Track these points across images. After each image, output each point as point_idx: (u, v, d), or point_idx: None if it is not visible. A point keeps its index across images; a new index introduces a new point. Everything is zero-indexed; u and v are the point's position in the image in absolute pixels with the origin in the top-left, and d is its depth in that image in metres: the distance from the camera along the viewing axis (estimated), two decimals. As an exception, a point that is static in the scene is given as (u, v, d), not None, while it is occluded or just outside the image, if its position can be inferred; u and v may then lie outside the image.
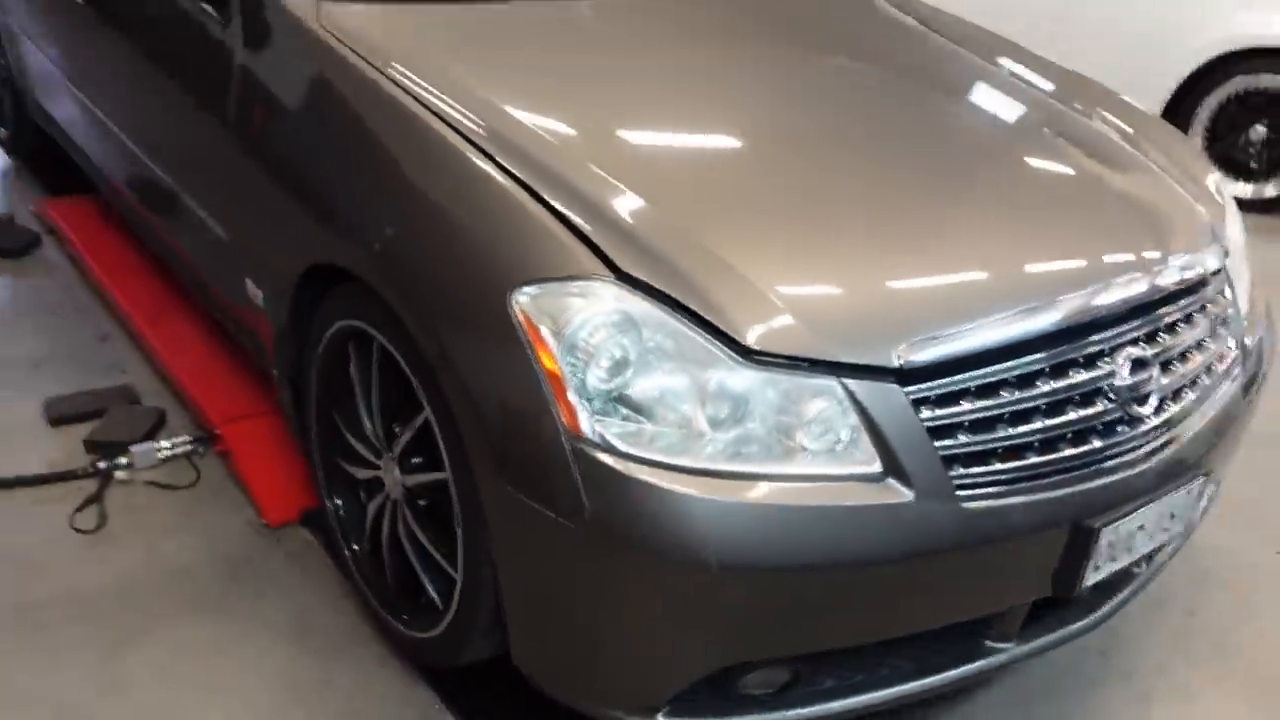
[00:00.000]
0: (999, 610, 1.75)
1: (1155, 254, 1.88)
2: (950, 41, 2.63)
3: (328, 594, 2.20)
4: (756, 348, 1.54)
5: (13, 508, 2.38)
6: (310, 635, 2.10)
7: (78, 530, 2.33)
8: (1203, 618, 2.37)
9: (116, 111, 2.85)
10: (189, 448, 2.55)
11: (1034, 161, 2.14)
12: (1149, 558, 2.00)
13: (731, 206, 1.77)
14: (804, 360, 1.55)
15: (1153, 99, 4.82)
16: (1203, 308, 1.94)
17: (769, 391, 1.55)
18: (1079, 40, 4.89)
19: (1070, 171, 2.11)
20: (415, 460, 1.89)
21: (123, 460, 2.49)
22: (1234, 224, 2.23)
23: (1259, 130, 4.73)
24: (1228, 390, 1.96)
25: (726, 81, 2.21)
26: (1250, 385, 2.06)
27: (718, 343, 1.54)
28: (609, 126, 1.92)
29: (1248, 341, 2.07)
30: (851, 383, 1.56)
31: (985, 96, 2.40)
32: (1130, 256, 1.86)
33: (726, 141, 2.00)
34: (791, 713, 1.68)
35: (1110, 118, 2.40)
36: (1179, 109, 4.84)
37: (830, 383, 1.55)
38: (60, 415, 2.65)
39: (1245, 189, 4.80)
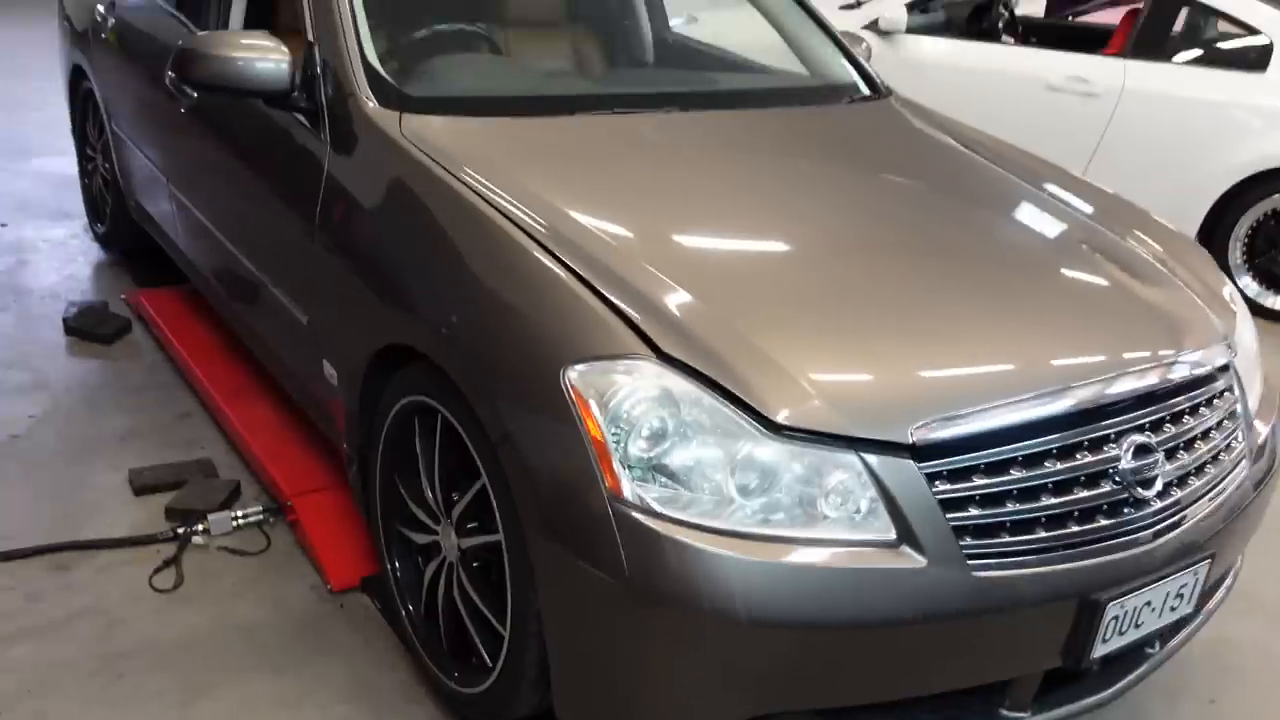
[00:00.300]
0: (1010, 677, 1.85)
1: (1162, 350, 2.02)
2: (985, 159, 2.82)
3: (384, 655, 2.35)
4: (782, 423, 1.70)
5: (99, 567, 2.58)
6: (367, 693, 2.25)
7: (156, 589, 2.51)
8: (1223, 707, 2.43)
9: (211, 209, 3.13)
10: (261, 517, 2.74)
11: (1054, 266, 2.30)
12: (1163, 639, 2.10)
13: (768, 300, 1.94)
14: (826, 435, 1.71)
15: (1191, 215, 4.97)
16: (1209, 401, 2.07)
17: (794, 463, 1.71)
18: (1120, 160, 5.08)
19: (1088, 276, 2.27)
20: (471, 525, 2.06)
21: (199, 527, 2.68)
22: (1246, 329, 2.36)
23: (1297, 247, 4.85)
24: (1235, 479, 2.07)
25: (772, 193, 2.40)
26: (1262, 479, 2.17)
27: (748, 418, 1.71)
28: (660, 229, 2.12)
29: (1258, 435, 2.19)
30: (869, 457, 1.71)
31: (1016, 210, 2.56)
32: (1138, 352, 2.00)
33: (768, 245, 2.20)
34: (812, 767, 1.79)
35: (1131, 230, 2.55)
36: (1217, 225, 4.98)
37: (850, 457, 1.71)
38: (143, 485, 2.86)
39: (1282, 302, 4.91)
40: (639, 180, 2.35)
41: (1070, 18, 7.77)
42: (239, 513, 2.73)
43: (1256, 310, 4.99)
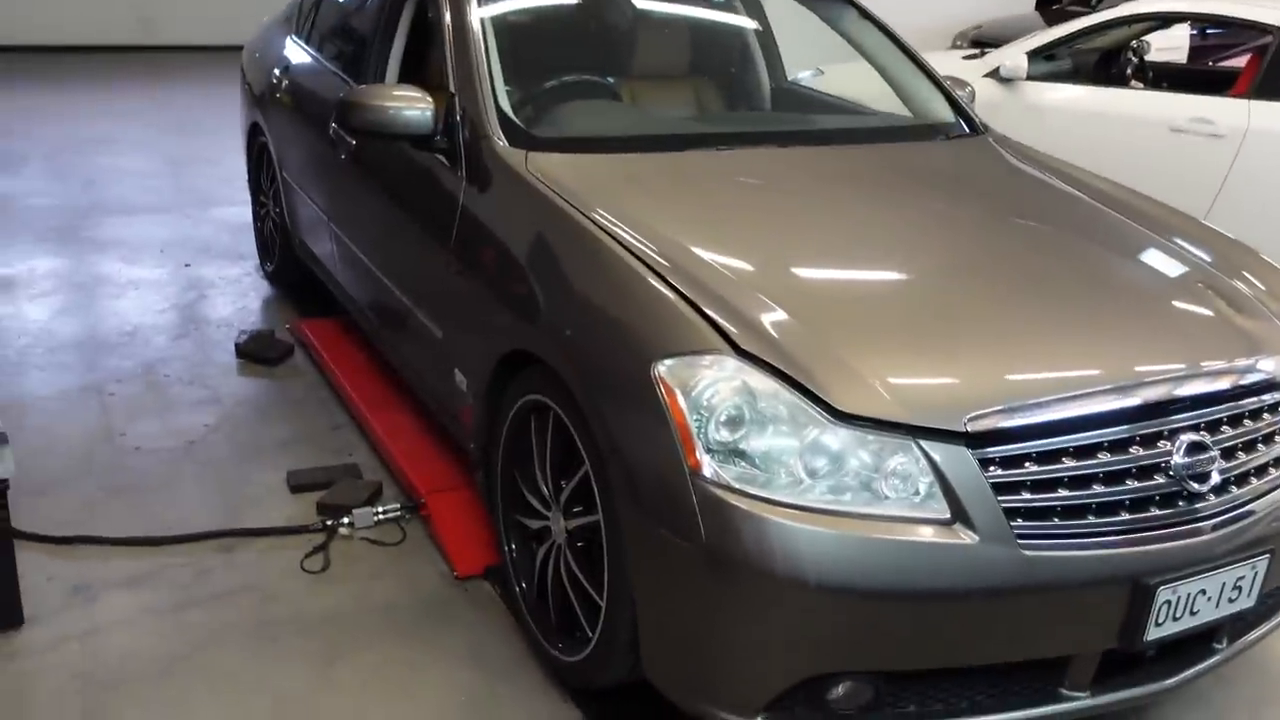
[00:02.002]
0: (1065, 654, 1.98)
1: (1219, 356, 2.15)
2: (1073, 189, 2.95)
3: (501, 631, 2.61)
4: (848, 412, 1.90)
5: (258, 552, 2.92)
6: (485, 661, 2.51)
7: (306, 571, 2.84)
8: (1307, 718, 2.47)
9: (364, 243, 3.50)
10: (398, 513, 3.06)
11: (1126, 281, 2.44)
12: (1231, 636, 2.19)
13: (847, 311, 2.16)
14: (887, 424, 1.90)
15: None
16: (1273, 408, 2.17)
17: (858, 449, 1.90)
18: (1244, 201, 5.05)
19: (1159, 289, 2.41)
20: (576, 509, 2.31)
21: (345, 520, 3.01)
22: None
23: None
24: (1298, 482, 2.16)
25: (865, 219, 2.62)
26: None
27: (817, 408, 1.92)
28: (752, 247, 2.35)
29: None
30: (926, 444, 1.89)
31: (1101, 236, 2.69)
32: (1196, 357, 2.13)
33: (853, 264, 2.41)
34: (875, 728, 1.96)
35: (1214, 254, 2.65)
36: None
37: (908, 443, 1.89)
38: (299, 484, 3.22)
39: None
40: (737, 207, 2.60)
41: (1211, 63, 7.72)
42: (380, 509, 3.05)
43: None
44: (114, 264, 5.10)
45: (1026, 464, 1.92)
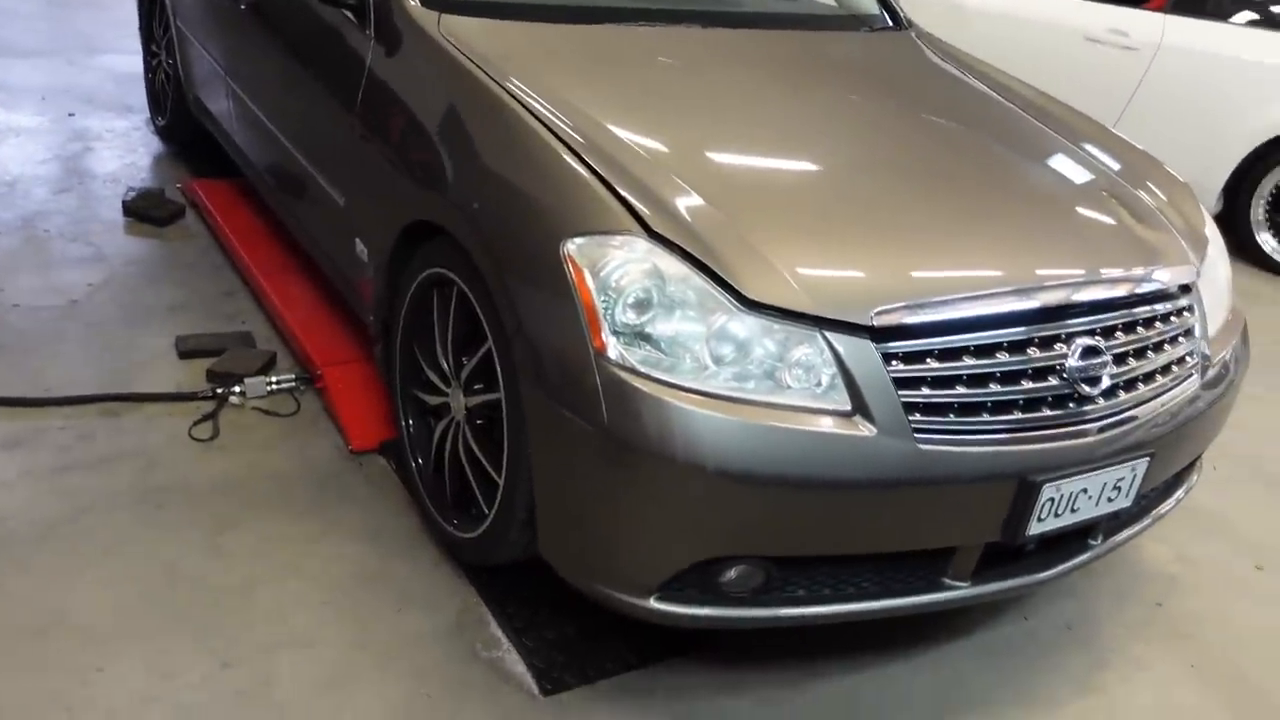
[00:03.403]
0: (951, 546, 2.04)
1: (1119, 264, 2.19)
2: (988, 88, 2.96)
3: (396, 506, 2.59)
4: (756, 300, 1.89)
5: (144, 418, 2.83)
6: (378, 537, 2.49)
7: (194, 439, 2.76)
8: (1169, 610, 2.61)
9: (264, 102, 3.34)
10: (292, 384, 2.98)
11: (1035, 186, 2.46)
12: (1106, 534, 2.28)
13: (760, 200, 2.12)
14: (794, 314, 1.90)
15: (1217, 171, 5.04)
16: (1166, 317, 2.23)
17: (763, 337, 1.90)
18: (1152, 113, 5.15)
19: (1066, 195, 2.43)
20: (476, 386, 2.27)
21: (237, 389, 2.93)
22: (1219, 261, 2.51)
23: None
24: (1182, 390, 2.23)
25: (780, 107, 2.57)
26: (1215, 398, 2.33)
27: (726, 294, 1.90)
28: (669, 131, 2.29)
29: (1212, 356, 2.34)
30: (832, 335, 1.90)
31: (1013, 136, 2.70)
32: (1096, 264, 2.17)
33: (768, 153, 2.36)
34: (763, 612, 2.00)
35: (1120, 161, 2.69)
36: (1242, 182, 5.05)
37: (814, 334, 1.90)
38: (188, 350, 3.11)
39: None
40: (656, 87, 2.52)
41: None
42: (273, 378, 2.97)
43: (1274, 267, 5.08)
44: (-10, 108, 4.80)
45: (927, 360, 1.94)
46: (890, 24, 3.28)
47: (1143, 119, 5.12)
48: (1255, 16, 5.16)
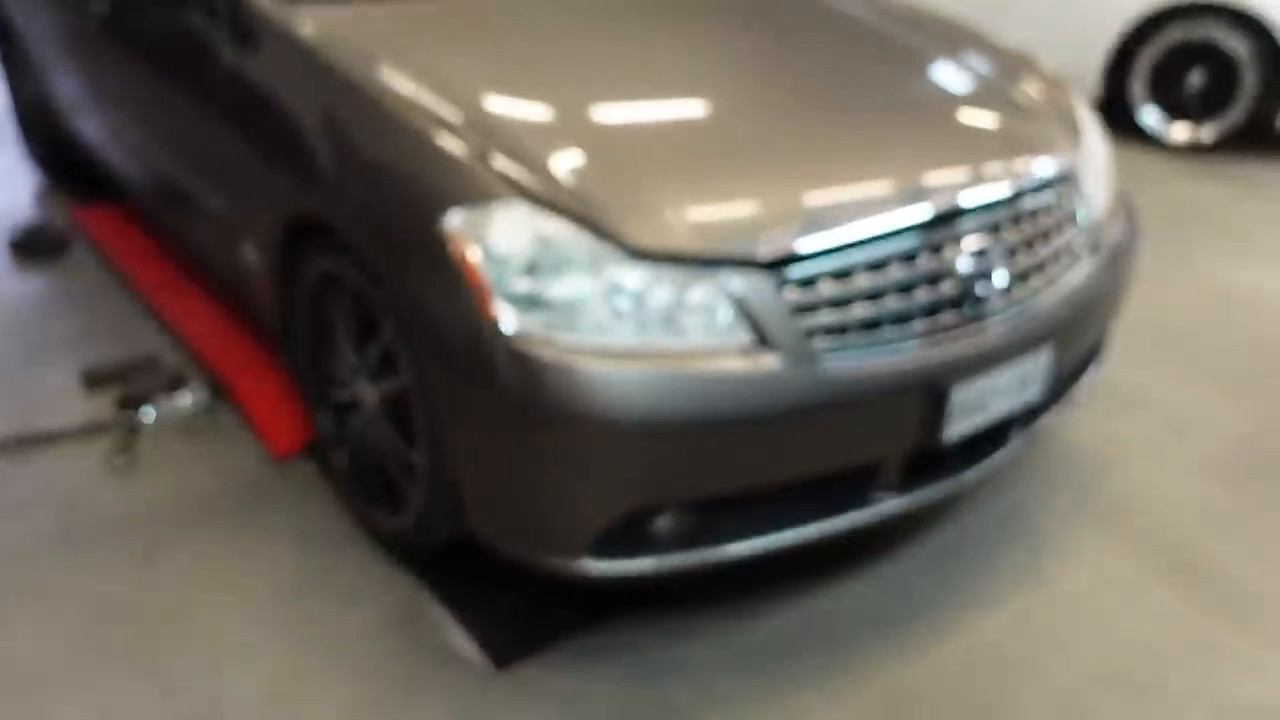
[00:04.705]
0: (874, 460, 2.07)
1: (998, 162, 2.21)
2: (868, 11, 2.96)
3: (325, 508, 2.56)
4: (645, 248, 1.88)
5: (58, 456, 2.76)
6: (312, 540, 2.46)
7: (112, 471, 2.70)
8: (1097, 490, 2.67)
9: (134, 119, 3.24)
10: (205, 399, 2.93)
11: (912, 98, 2.47)
12: (1023, 426, 2.32)
13: (638, 147, 2.10)
14: (685, 257, 1.89)
15: (1095, 53, 5.11)
16: (1048, 208, 2.26)
17: (657, 285, 1.89)
18: (1027, 9, 5.19)
19: (943, 103, 2.44)
20: (383, 375, 2.25)
21: (149, 412, 2.87)
22: (1095, 143, 2.54)
23: (1196, 78, 5.00)
24: (1073, 276, 2.27)
25: (651, 52, 2.54)
26: (1110, 279, 2.37)
27: (613, 246, 1.89)
28: (541, 89, 2.25)
29: (1100, 238, 2.38)
30: (724, 273, 1.90)
31: (889, 54, 2.70)
32: (976, 164, 2.19)
33: (643, 99, 2.34)
34: (699, 554, 2.01)
35: (991, 61, 2.72)
36: (1121, 62, 5.12)
37: (706, 273, 1.89)
38: (94, 381, 3.03)
39: (1183, 132, 5.08)
40: (520, 47, 2.48)
41: None
42: (186, 396, 2.91)
43: (1160, 145, 5.18)
44: None
45: (821, 283, 1.95)
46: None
47: (1020, 7, 5.16)
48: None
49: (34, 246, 3.81)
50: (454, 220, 1.92)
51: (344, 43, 2.36)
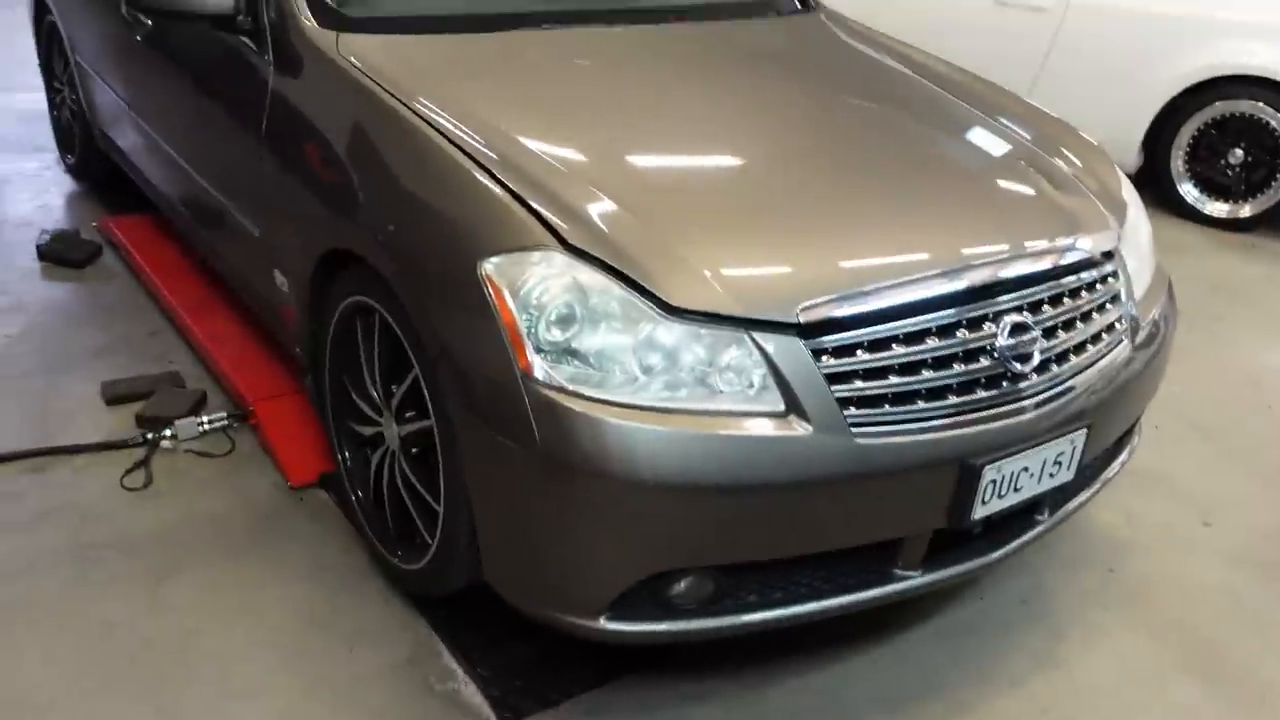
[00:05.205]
0: (899, 537, 2.03)
1: (1041, 237, 2.19)
2: (903, 68, 2.95)
3: (340, 541, 2.54)
4: (680, 306, 1.86)
5: (74, 471, 2.75)
6: (324, 574, 2.44)
7: (127, 489, 2.68)
8: (1121, 574, 2.62)
9: (171, 135, 3.25)
10: (225, 422, 2.91)
11: (954, 165, 2.46)
12: (1052, 507, 2.28)
13: (677, 201, 2.09)
14: (719, 317, 1.87)
15: (1135, 125, 5.10)
16: (1091, 285, 2.23)
17: (691, 344, 1.87)
18: (1067, 73, 5.18)
19: (985, 172, 2.43)
20: (409, 414, 2.23)
21: (168, 432, 2.85)
22: (1140, 223, 2.52)
23: (1236, 154, 4.98)
24: (1113, 358, 2.24)
25: (696, 104, 2.53)
26: (1148, 360, 2.34)
27: (649, 303, 1.86)
28: (583, 138, 2.25)
29: (1141, 319, 2.35)
30: (759, 336, 1.87)
31: (928, 117, 2.70)
32: (1019, 239, 2.16)
33: (683, 152, 2.34)
34: (716, 621, 1.98)
35: (1035, 132, 2.70)
36: (1161, 135, 5.10)
37: (742, 336, 1.87)
38: (115, 395, 3.02)
39: (1223, 209, 5.05)
40: (564, 92, 2.48)
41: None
42: (205, 418, 2.90)
43: (1197, 217, 5.15)
44: (-110, 158, 4.65)
45: (858, 352, 1.92)
46: (798, 6, 3.25)
47: (1058, 79, 5.16)
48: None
49: (63, 254, 3.82)
50: (490, 265, 1.91)
51: (386, 73, 2.36)
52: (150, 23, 3.13)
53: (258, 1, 2.63)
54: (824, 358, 1.90)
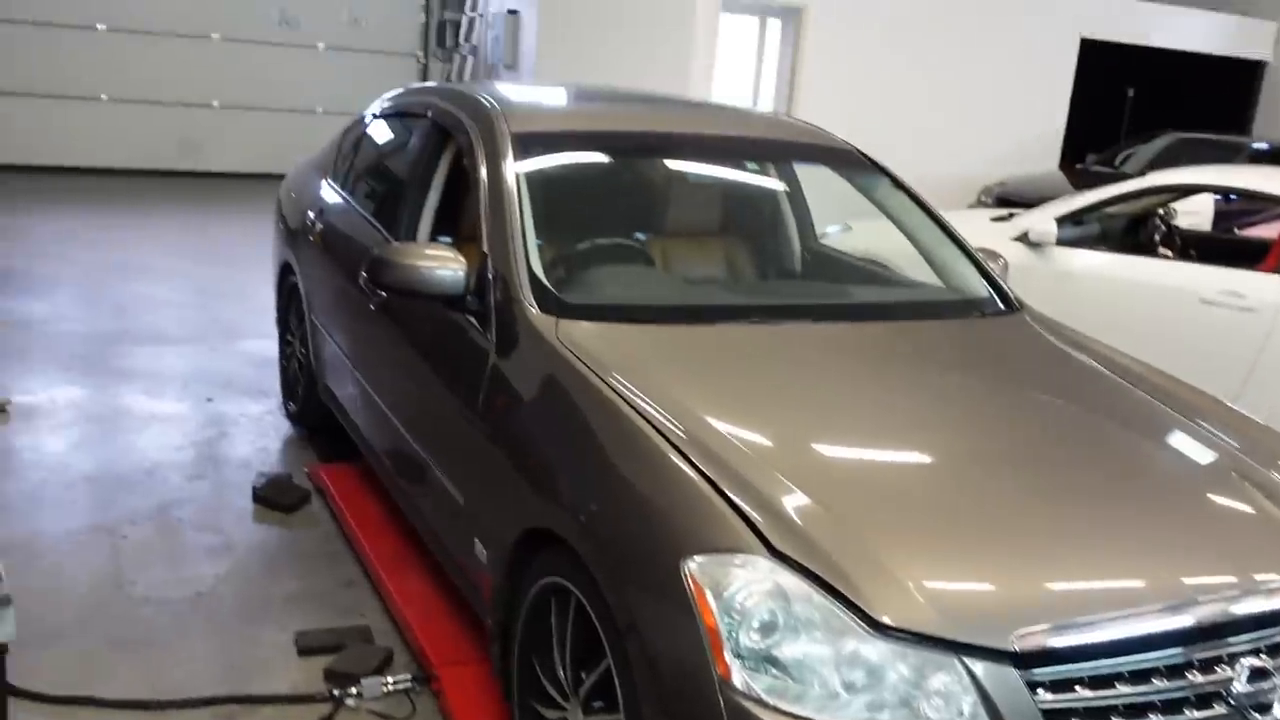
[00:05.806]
0: None
1: (1273, 573, 2.04)
2: (1116, 375, 2.89)
3: (510, 826, 2.47)
4: (887, 624, 1.81)
5: (261, 720, 2.81)
6: None
7: (310, 745, 2.71)
8: None
9: (389, 395, 3.47)
10: (409, 685, 2.93)
11: (1179, 485, 2.36)
12: None
13: (885, 506, 2.07)
14: (929, 638, 1.80)
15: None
16: (1335, 628, 2.06)
17: (898, 663, 1.80)
18: (1278, 381, 4.99)
19: (1198, 487, 2.32)
20: (597, 704, 2.19)
21: (353, 690, 2.89)
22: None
23: None
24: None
25: (901, 404, 2.56)
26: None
27: (854, 617, 1.82)
28: (789, 434, 2.29)
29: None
30: (971, 661, 1.79)
31: (1146, 429, 2.62)
32: (1259, 575, 2.03)
33: (892, 454, 2.34)
34: None
35: (1263, 451, 2.57)
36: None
37: (951, 659, 1.79)
38: (307, 646, 3.11)
39: None
40: (772, 387, 2.54)
41: (1235, 230, 7.75)
42: (390, 679, 2.93)
43: None
44: (136, 396, 5.09)
45: (1077, 688, 1.81)
46: (1002, 307, 3.28)
47: (1269, 382, 4.96)
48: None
49: (275, 498, 4.04)
50: (694, 565, 1.91)
51: (597, 358, 2.47)
52: (385, 294, 3.40)
53: (486, 286, 2.83)
54: (1040, 691, 1.79)
